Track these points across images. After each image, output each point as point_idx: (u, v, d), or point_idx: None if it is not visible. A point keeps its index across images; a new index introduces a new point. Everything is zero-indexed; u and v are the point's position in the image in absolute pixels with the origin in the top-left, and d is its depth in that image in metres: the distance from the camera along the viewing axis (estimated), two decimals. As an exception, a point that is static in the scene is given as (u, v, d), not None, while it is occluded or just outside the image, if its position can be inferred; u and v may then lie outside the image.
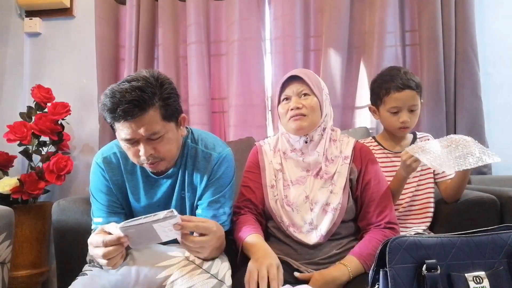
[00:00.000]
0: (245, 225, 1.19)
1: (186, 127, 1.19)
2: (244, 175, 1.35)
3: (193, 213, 1.20)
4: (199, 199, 1.18)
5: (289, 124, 1.24)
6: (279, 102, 1.29)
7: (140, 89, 0.98)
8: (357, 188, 1.24)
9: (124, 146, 1.07)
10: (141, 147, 1.03)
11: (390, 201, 1.24)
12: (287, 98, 1.25)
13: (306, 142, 1.25)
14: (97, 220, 1.16)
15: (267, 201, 1.26)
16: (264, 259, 1.03)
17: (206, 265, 1.03)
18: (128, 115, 0.97)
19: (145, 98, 0.98)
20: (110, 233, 0.95)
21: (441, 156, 1.14)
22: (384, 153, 1.46)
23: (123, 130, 1.01)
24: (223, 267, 1.05)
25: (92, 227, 1.17)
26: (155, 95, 1.01)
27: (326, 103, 1.27)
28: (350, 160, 1.25)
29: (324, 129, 1.27)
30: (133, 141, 1.03)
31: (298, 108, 1.21)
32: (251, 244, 1.11)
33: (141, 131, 1.00)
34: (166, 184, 1.18)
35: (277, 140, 1.36)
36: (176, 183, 1.18)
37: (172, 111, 1.06)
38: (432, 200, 1.43)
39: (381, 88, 1.41)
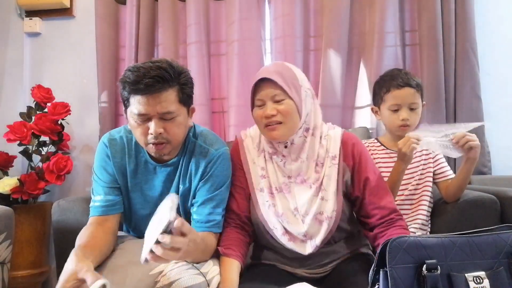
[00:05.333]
0: (227, 245, 1.13)
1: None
2: None
3: (185, 207, 1.21)
4: (194, 197, 1.19)
5: (265, 133, 1.15)
6: (253, 106, 1.17)
7: (164, 69, 1.04)
8: (355, 188, 1.16)
9: (134, 123, 1.08)
10: (152, 124, 1.05)
11: (389, 190, 1.20)
12: (260, 105, 1.14)
13: (286, 147, 1.16)
14: (97, 198, 1.17)
15: (257, 207, 1.17)
16: None
17: (197, 263, 1.05)
18: (149, 89, 1.02)
19: (167, 78, 1.04)
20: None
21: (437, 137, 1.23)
22: (386, 153, 1.47)
23: (139, 105, 1.04)
24: (213, 270, 1.06)
25: (90, 204, 1.18)
26: (175, 78, 1.07)
27: (306, 101, 1.14)
28: (339, 159, 1.16)
29: (307, 130, 1.15)
30: (146, 118, 1.06)
31: (272, 115, 1.10)
32: (224, 268, 1.09)
33: (158, 107, 1.04)
34: (164, 173, 1.18)
35: (260, 135, 1.23)
36: (174, 174, 1.19)
37: (188, 97, 1.12)
38: (427, 199, 1.42)
39: (382, 87, 1.44)
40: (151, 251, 0.84)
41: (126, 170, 1.19)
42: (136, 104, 1.04)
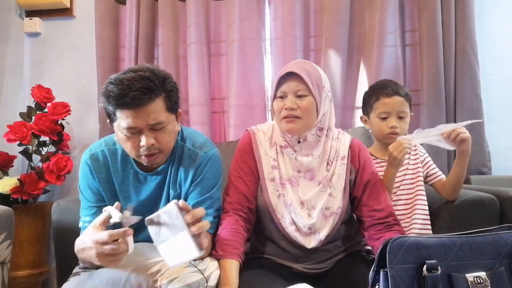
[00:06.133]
0: (225, 242, 1.12)
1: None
2: (235, 163, 1.26)
3: None
4: (185, 200, 1.17)
5: (282, 124, 1.20)
6: (274, 97, 1.21)
7: (148, 78, 1.00)
8: (355, 189, 1.22)
9: (123, 137, 1.05)
10: (144, 137, 1.03)
11: (388, 195, 1.24)
12: (282, 96, 1.19)
13: (299, 142, 1.21)
14: (85, 219, 1.15)
15: (266, 196, 1.19)
16: None
17: (194, 261, 1.05)
18: (136, 102, 0.99)
19: (153, 88, 1.00)
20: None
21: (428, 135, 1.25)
22: (377, 162, 1.47)
23: (127, 119, 1.01)
24: (211, 266, 1.05)
25: (80, 225, 1.17)
26: (161, 86, 1.03)
27: (325, 102, 1.20)
28: (347, 159, 1.23)
29: (320, 129, 1.21)
30: (136, 131, 1.03)
31: (292, 109, 1.15)
32: (223, 270, 1.07)
33: (147, 119, 1.01)
34: (155, 181, 1.17)
35: (272, 129, 1.28)
36: (165, 181, 1.17)
37: (174, 103, 1.09)
38: (421, 202, 1.41)
39: (371, 96, 1.47)
40: (193, 238, 0.88)
41: (113, 184, 1.17)
42: (124, 118, 1.01)
